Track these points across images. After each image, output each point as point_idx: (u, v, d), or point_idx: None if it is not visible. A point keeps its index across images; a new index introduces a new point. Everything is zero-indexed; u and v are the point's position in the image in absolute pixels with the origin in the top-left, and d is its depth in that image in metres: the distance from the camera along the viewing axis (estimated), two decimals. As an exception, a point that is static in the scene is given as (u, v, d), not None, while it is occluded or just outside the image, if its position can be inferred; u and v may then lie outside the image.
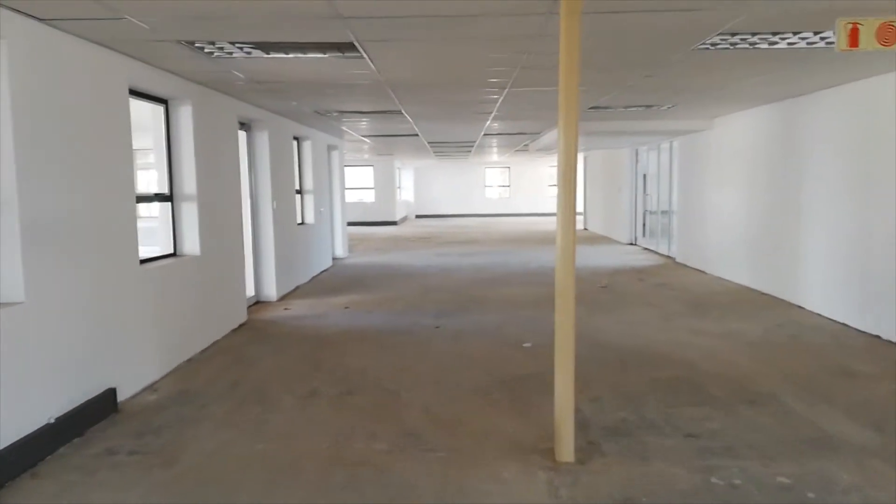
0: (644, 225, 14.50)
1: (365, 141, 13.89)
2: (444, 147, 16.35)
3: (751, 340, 6.11)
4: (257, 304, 8.21)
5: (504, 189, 29.29)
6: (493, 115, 9.05)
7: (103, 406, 4.25)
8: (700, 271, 10.56)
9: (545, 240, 16.83)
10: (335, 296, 8.74)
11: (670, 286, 9.23)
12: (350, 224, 24.57)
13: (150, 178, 6.60)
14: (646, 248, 14.09)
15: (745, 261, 9.07)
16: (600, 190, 18.16)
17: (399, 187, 26.19)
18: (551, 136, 12.26)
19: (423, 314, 7.50)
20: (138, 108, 5.28)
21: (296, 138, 10.12)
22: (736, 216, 9.34)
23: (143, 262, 5.04)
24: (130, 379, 4.66)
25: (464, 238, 17.63)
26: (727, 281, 9.51)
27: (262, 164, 8.19)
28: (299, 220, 10.30)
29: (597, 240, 16.51)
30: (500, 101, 7.69)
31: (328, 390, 4.82)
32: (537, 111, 8.81)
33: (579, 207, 24.02)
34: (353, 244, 15.87)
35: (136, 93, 5.13)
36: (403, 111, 8.43)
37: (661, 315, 7.30)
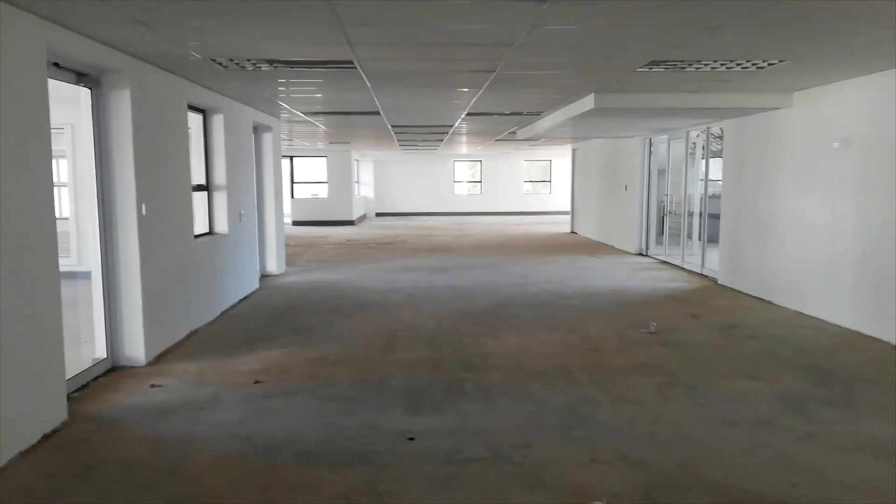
0: (663, 232, 11.62)
1: (310, 122, 10.67)
2: (410, 134, 13.22)
3: None
4: (110, 372, 4.99)
5: (475, 185, 26.29)
6: (489, 81, 6.01)
7: None
8: (764, 301, 7.71)
9: (532, 246, 13.87)
10: (245, 352, 5.56)
11: (747, 331, 6.32)
12: (299, 223, 21.40)
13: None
14: (664, 262, 11.23)
15: (854, 295, 6.23)
16: (595, 187, 15.28)
17: (357, 182, 22.95)
18: (552, 120, 9.26)
19: (384, 399, 4.41)
20: None
21: (196, 108, 6.89)
22: (836, 230, 6.49)
23: None
24: None
25: (434, 244, 14.54)
26: (819, 320, 6.66)
27: (119, 143, 4.97)
28: (201, 230, 7.07)
29: (593, 248, 13.62)
30: (504, 58, 4.65)
31: None
32: (557, 79, 5.82)
33: (567, 207, 21.22)
34: (295, 253, 12.61)
35: None
36: (359, 65, 5.31)
37: (781, 401, 4.36)
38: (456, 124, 11.09)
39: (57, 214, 4.01)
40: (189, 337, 6.02)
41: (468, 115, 9.45)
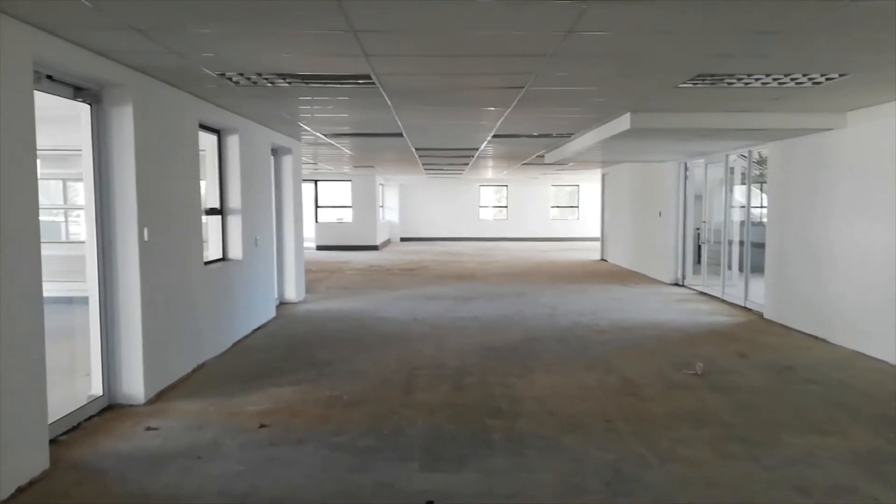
0: (698, 261, 10.99)
1: (332, 144, 10.36)
2: (435, 157, 12.85)
3: None
4: (106, 411, 4.59)
5: (500, 210, 25.83)
6: (517, 99, 5.58)
7: None
8: (818, 339, 7.07)
9: (560, 274, 13.32)
10: (253, 389, 5.12)
11: (805, 374, 5.71)
12: (323, 248, 21.09)
13: None
14: (702, 293, 10.60)
15: (926, 334, 5.59)
16: (626, 214, 14.71)
17: (382, 206, 22.66)
18: (584, 142, 8.79)
19: (401, 451, 3.91)
20: None
21: (209, 128, 6.58)
22: (903, 261, 5.88)
23: None
24: None
25: (457, 270, 14.07)
26: (882, 362, 6.02)
27: (121, 162, 4.62)
28: (213, 256, 6.71)
29: (625, 277, 13.01)
30: (535, 72, 4.21)
31: None
32: (590, 97, 5.37)
33: (595, 233, 20.66)
34: (316, 279, 12.23)
35: None
36: (377, 80, 4.93)
37: (857, 461, 3.77)
38: (482, 147, 10.68)
39: (75, 237, 3.64)
40: (195, 371, 5.61)
41: (494, 136, 9.03)
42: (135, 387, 4.71)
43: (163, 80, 5.07)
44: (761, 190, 10.26)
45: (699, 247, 11.31)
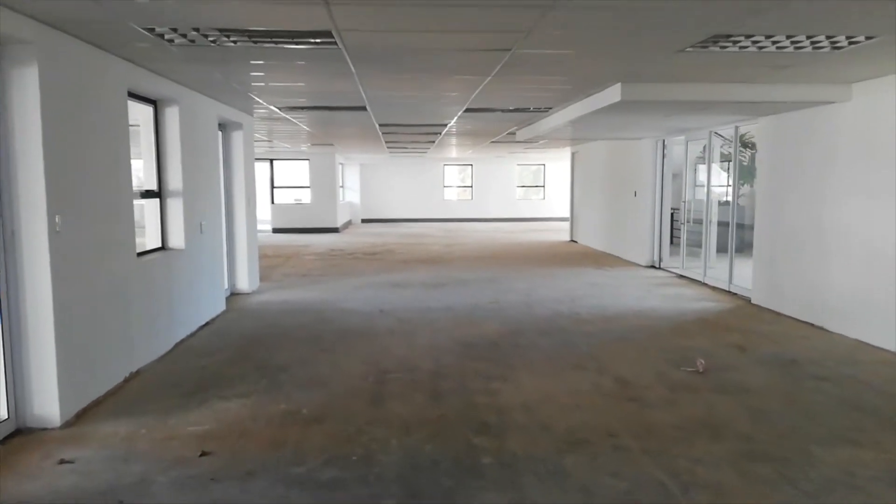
0: (681, 242, 10.52)
1: (288, 119, 9.48)
2: (399, 134, 12.06)
3: None
4: (13, 437, 3.78)
5: (465, 190, 25.14)
6: (500, 64, 4.88)
7: None
8: (815, 327, 6.64)
9: (531, 256, 12.75)
10: (195, 404, 4.35)
11: (812, 369, 5.22)
12: (280, 231, 20.03)
13: None
14: (681, 276, 10.15)
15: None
16: (598, 193, 14.20)
17: (342, 187, 21.75)
18: (563, 117, 8.16)
19: (371, 486, 3.22)
20: None
21: (143, 98, 5.70)
22: (914, 245, 5.43)
23: None
24: None
25: (425, 254, 13.37)
26: (889, 353, 5.60)
27: (24, 137, 3.77)
28: (151, 245, 5.89)
29: (599, 259, 12.52)
30: (526, 29, 3.50)
31: None
32: (581, 63, 4.69)
33: (562, 213, 20.28)
34: (272, 265, 11.39)
35: None
36: (339, 39, 4.16)
37: (906, 481, 3.26)
38: (451, 123, 9.96)
39: None
40: (128, 381, 4.81)
41: (466, 111, 8.32)
42: (48, 407, 3.91)
43: (80, 38, 4.20)
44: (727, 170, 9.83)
45: (678, 227, 10.85)
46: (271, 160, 19.55)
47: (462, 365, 5.30)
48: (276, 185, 19.97)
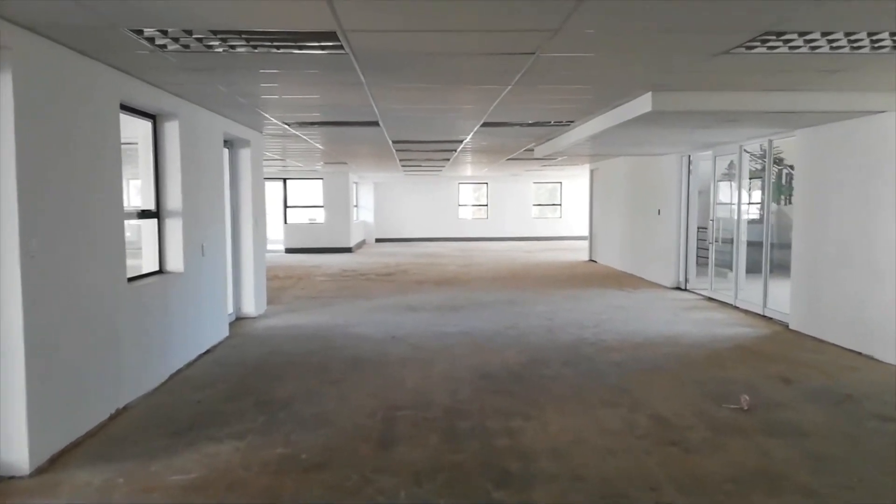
0: (709, 263, 9.98)
1: (299, 136, 9.14)
2: (413, 151, 11.69)
3: None
4: (-25, 487, 3.37)
5: (480, 209, 24.72)
6: (521, 73, 4.47)
7: None
8: (863, 356, 6.09)
9: (550, 277, 12.25)
10: (183, 447, 3.91)
11: (871, 406, 4.68)
12: (292, 251, 19.67)
13: None
14: (710, 298, 9.61)
15: None
16: (618, 211, 13.71)
17: (356, 206, 21.43)
18: (585, 132, 7.73)
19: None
20: None
21: (141, 112, 5.35)
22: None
23: None
24: None
25: (440, 275, 12.93)
26: (956, 388, 5.05)
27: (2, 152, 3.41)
28: (148, 269, 5.51)
29: (621, 280, 11.99)
30: (555, 27, 3.11)
31: None
32: (606, 69, 4.27)
33: (579, 232, 19.84)
34: (282, 287, 11.01)
35: None
36: (346, 42, 3.78)
37: None
38: (467, 139, 9.56)
39: None
40: (113, 419, 4.40)
41: (483, 125, 7.92)
42: (16, 453, 3.50)
43: (65, 45, 3.86)
44: (749, 187, 9.32)
45: (706, 247, 10.32)
46: (284, 179, 19.30)
47: (481, 399, 4.83)
48: (289, 204, 19.68)
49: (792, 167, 12.40)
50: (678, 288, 10.72)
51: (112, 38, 3.74)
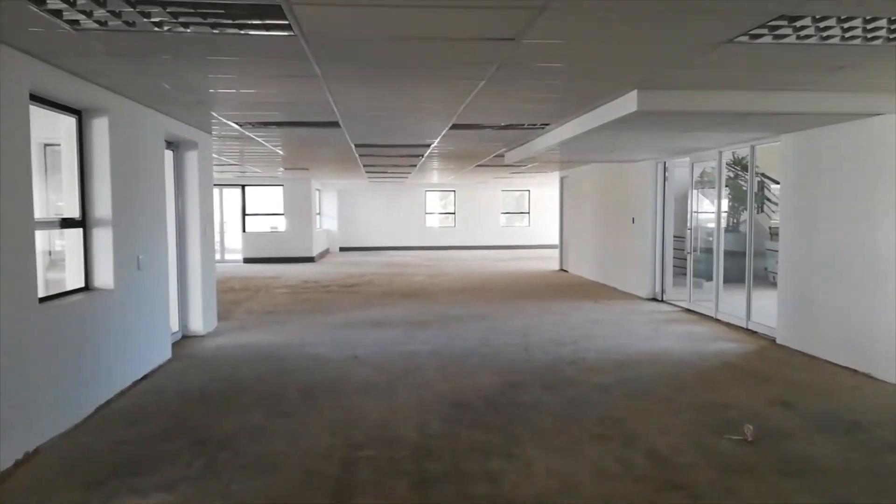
0: (688, 273, 9.58)
1: (252, 138, 8.47)
2: (378, 157, 11.08)
3: None
4: None
5: (448, 217, 24.20)
6: (496, 66, 3.94)
7: None
8: (859, 374, 5.70)
9: (521, 288, 11.74)
10: None
11: (882, 433, 4.25)
12: (251, 261, 18.76)
13: None
14: (688, 310, 9.22)
15: None
16: (590, 220, 13.31)
17: (318, 214, 20.69)
18: (558, 135, 7.26)
19: None
20: None
21: (62, 106, 4.66)
22: None
23: None
24: None
25: (406, 286, 12.32)
26: (967, 411, 4.66)
27: None
28: (70, 286, 4.81)
29: (594, 291, 11.56)
30: (536, 10, 2.58)
31: None
32: (591, 62, 3.76)
33: (548, 240, 19.48)
34: (236, 300, 10.27)
35: None
36: (297, 27, 3.18)
37: None
38: (435, 143, 9.01)
39: None
40: (19, 465, 3.69)
41: (452, 128, 7.37)
42: None
43: (-54, 17, 3.18)
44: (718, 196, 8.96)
45: (684, 257, 9.94)
46: (243, 186, 18.47)
47: (454, 434, 4.25)
48: (248, 212, 18.84)
49: (765, 175, 12.24)
50: (654, 299, 10.32)
51: (8, 10, 3.08)
